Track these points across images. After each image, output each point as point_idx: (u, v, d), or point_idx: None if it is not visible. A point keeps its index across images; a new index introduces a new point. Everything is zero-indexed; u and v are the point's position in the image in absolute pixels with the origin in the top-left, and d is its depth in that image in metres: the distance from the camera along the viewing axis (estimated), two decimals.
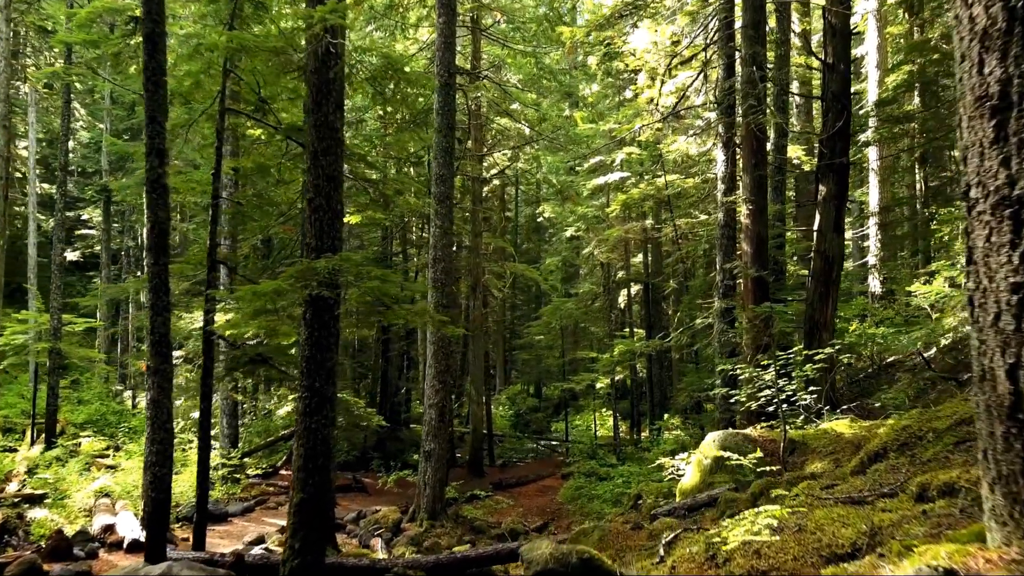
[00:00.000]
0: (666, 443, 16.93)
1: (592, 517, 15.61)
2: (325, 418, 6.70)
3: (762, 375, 8.44)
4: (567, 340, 33.26)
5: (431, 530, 13.60)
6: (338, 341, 6.88)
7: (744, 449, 8.17)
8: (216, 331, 8.43)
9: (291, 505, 6.57)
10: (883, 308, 22.13)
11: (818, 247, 12.19)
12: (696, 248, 19.40)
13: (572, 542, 7.36)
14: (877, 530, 3.10)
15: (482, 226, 22.17)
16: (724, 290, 12.89)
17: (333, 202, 6.92)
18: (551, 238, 39.04)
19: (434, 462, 13.87)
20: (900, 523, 3.11)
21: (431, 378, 14.02)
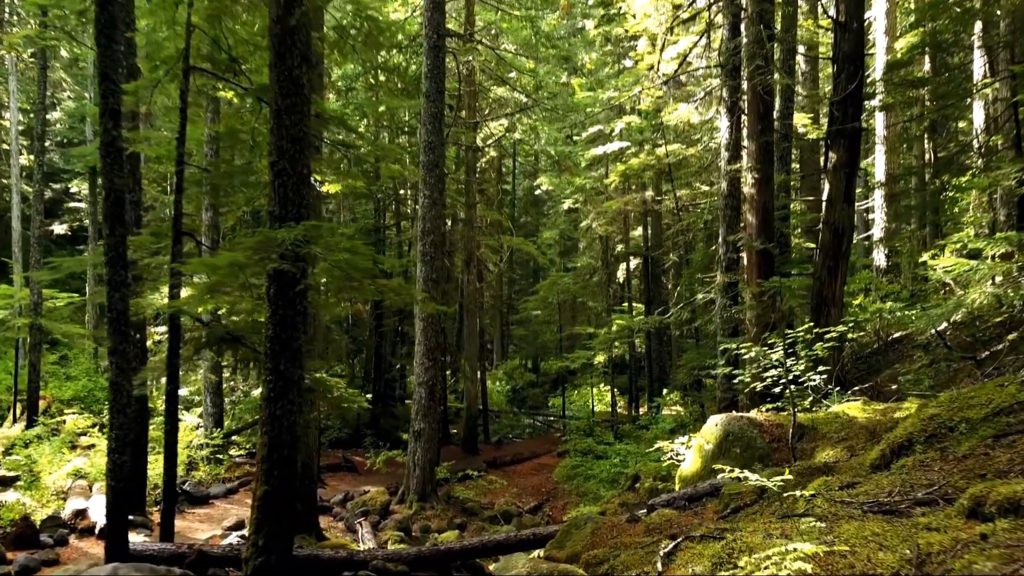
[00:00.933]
0: (664, 421, 16.42)
1: (588, 498, 15.14)
2: (291, 403, 6.10)
3: (768, 354, 7.84)
4: (565, 315, 32.68)
5: (421, 512, 13.13)
6: (305, 320, 6.28)
7: (748, 434, 7.61)
8: (183, 308, 7.82)
9: (254, 498, 6.00)
10: (889, 282, 21.55)
11: (827, 218, 11.53)
12: (698, 220, 18.72)
13: (560, 539, 6.82)
14: (926, 558, 2.52)
15: (477, 198, 21.48)
16: (727, 264, 12.26)
17: (298, 166, 6.26)
18: (549, 211, 38.29)
19: (424, 442, 13.36)
20: (955, 549, 2.53)
21: (421, 355, 13.45)
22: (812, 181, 22.01)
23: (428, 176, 13.39)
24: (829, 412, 7.85)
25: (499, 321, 36.63)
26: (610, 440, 19.55)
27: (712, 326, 12.53)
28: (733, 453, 7.56)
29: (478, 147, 20.88)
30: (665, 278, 27.11)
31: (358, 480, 15.77)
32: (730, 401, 11.62)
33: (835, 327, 9.75)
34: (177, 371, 8.25)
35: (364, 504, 12.90)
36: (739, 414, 7.93)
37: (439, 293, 13.67)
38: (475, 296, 20.85)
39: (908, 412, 7.01)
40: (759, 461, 7.36)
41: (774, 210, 12.02)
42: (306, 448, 10.49)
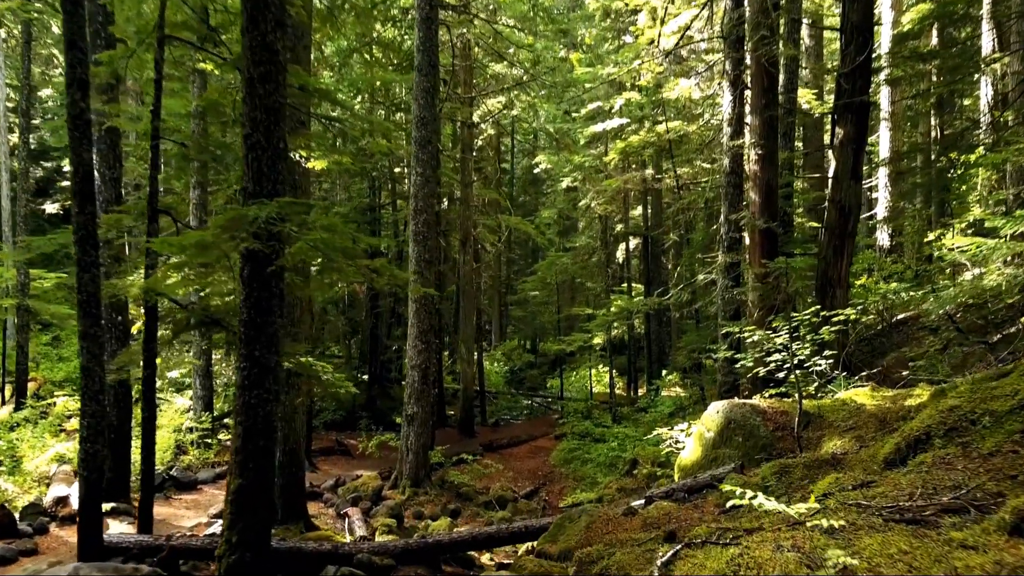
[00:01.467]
0: (663, 404, 16.11)
1: (585, 482, 14.86)
2: (267, 392, 5.74)
3: (772, 338, 7.48)
4: (563, 296, 32.30)
5: (414, 498, 12.85)
6: (282, 302, 5.90)
7: (751, 422, 7.26)
8: (159, 290, 7.44)
9: (228, 491, 5.67)
10: (892, 262, 21.16)
11: (833, 196, 11.12)
12: (698, 199, 18.28)
13: (553, 532, 6.49)
14: None
15: (473, 176, 21.02)
16: (729, 243, 11.86)
17: (273, 138, 5.85)
18: (548, 190, 37.78)
19: (417, 426, 13.04)
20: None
21: (413, 338, 13.09)
22: (815, 158, 21.55)
23: (420, 153, 12.96)
24: (836, 399, 7.49)
25: (497, 302, 36.29)
26: (608, 423, 19.27)
27: (713, 308, 12.17)
28: (735, 442, 7.22)
29: (474, 123, 20.39)
30: (665, 258, 26.72)
31: (351, 464, 15.49)
32: (731, 385, 11.29)
33: (841, 309, 9.38)
34: (154, 356, 7.88)
35: (356, 490, 12.62)
36: (741, 401, 7.58)
37: (432, 274, 13.29)
38: (471, 277, 20.47)
39: (921, 399, 6.66)
40: (762, 451, 7.02)
41: (778, 188, 11.60)
42: (293, 434, 10.17)
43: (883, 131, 19.79)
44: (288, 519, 10.04)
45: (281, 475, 10.07)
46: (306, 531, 10.05)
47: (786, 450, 6.91)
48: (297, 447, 10.17)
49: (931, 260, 21.69)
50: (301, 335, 10.17)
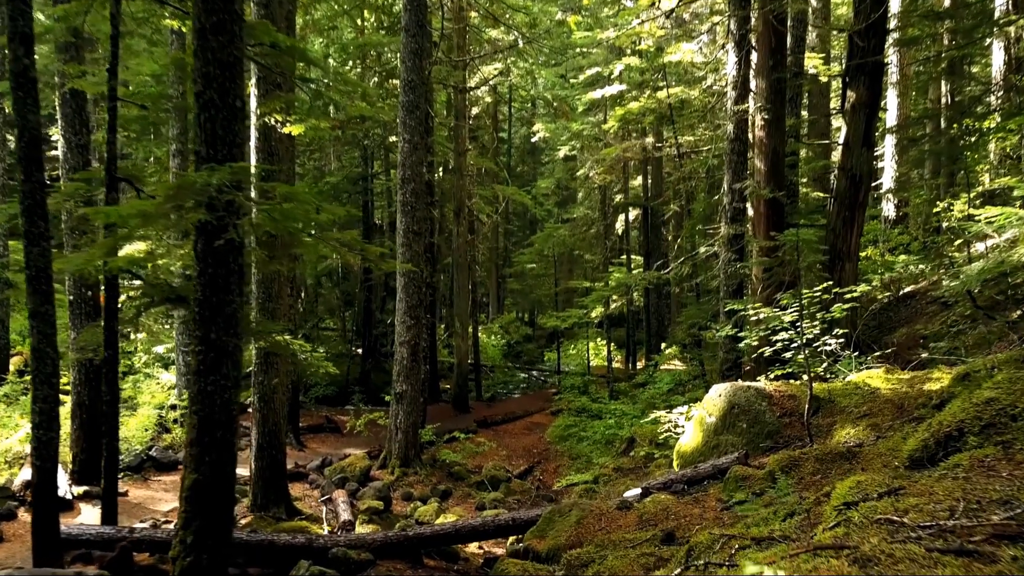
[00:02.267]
0: (662, 381, 15.63)
1: (581, 461, 14.42)
2: (225, 378, 5.21)
3: (780, 316, 6.94)
4: (562, 268, 31.73)
5: (403, 478, 12.41)
6: (241, 279, 5.34)
7: (756, 406, 6.75)
8: (112, 264, 6.86)
9: (182, 488, 5.17)
10: (899, 234, 20.55)
11: (843, 164, 10.52)
12: (700, 167, 17.61)
13: (542, 527, 6.01)
14: None
15: (468, 145, 20.33)
16: (732, 214, 11.26)
17: (229, 97, 5.23)
18: (547, 160, 37.01)
19: (406, 404, 12.56)
20: None
21: (402, 313, 12.55)
22: (821, 126, 20.83)
23: (408, 118, 12.29)
24: (848, 382, 6.97)
25: (494, 274, 35.73)
26: (605, 398, 18.83)
27: (715, 282, 11.61)
28: (739, 428, 6.72)
29: (468, 88, 19.64)
30: (665, 230, 26.10)
31: (340, 442, 15.05)
32: (732, 363, 10.77)
33: (852, 284, 8.85)
34: (115, 335, 7.35)
35: (342, 470, 12.17)
36: (746, 384, 7.06)
37: (421, 246, 12.72)
38: (466, 249, 19.88)
39: (941, 383, 6.13)
40: (768, 438, 6.52)
41: (785, 155, 10.98)
42: (273, 415, 9.68)
43: (891, 97, 19.06)
44: (269, 503, 9.60)
45: (261, 457, 9.62)
46: (287, 516, 9.61)
47: (794, 437, 6.41)
48: (277, 429, 9.68)
49: (939, 231, 21.12)
50: (280, 312, 9.63)
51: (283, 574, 6.59)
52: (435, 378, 20.89)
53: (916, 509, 3.06)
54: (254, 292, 9.62)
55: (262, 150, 9.46)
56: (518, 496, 12.42)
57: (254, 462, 9.65)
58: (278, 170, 9.54)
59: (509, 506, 11.92)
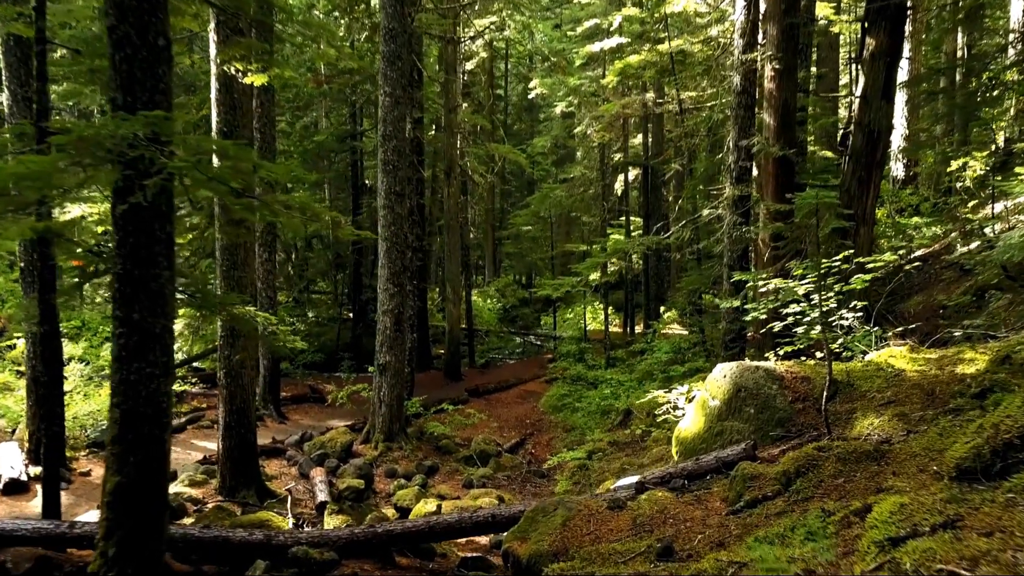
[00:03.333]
0: (661, 349, 14.95)
1: (575, 433, 13.80)
2: (152, 365, 4.48)
3: (793, 287, 6.19)
4: (559, 230, 30.86)
5: (387, 454, 11.80)
6: (171, 250, 4.58)
7: (766, 390, 6.03)
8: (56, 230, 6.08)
9: (103, 492, 4.47)
10: (910, 194, 19.69)
11: (860, 118, 9.66)
12: (702, 124, 16.66)
13: (524, 527, 5.33)
14: None
15: (459, 100, 19.32)
16: (738, 174, 10.40)
17: (149, 33, 4.40)
18: (544, 118, 35.86)
19: (390, 376, 11.88)
20: None
21: (384, 280, 11.79)
22: (829, 81, 19.84)
23: (389, 70, 11.38)
24: (868, 362, 6.25)
25: (491, 236, 34.88)
26: (601, 365, 18.19)
27: (719, 247, 10.83)
28: (745, 413, 6.01)
29: (458, 40, 18.58)
30: (665, 190, 25.19)
31: (324, 413, 14.43)
32: (736, 334, 10.05)
33: (868, 250, 8.09)
34: (53, 309, 6.61)
35: (323, 445, 11.53)
36: (754, 364, 6.34)
37: (405, 208, 11.90)
38: (457, 211, 19.04)
39: (976, 365, 5.41)
40: (778, 426, 5.82)
41: (796, 109, 10.11)
42: (241, 391, 8.99)
43: (903, 51, 18.05)
44: (238, 486, 8.96)
45: (228, 437, 8.95)
46: (258, 499, 8.99)
47: (808, 426, 5.70)
48: (246, 406, 9.00)
49: (950, 192, 20.27)
50: (247, 280, 8.87)
51: (240, 573, 5.95)
52: (426, 345, 20.23)
53: (990, 559, 2.35)
54: (218, 260, 8.86)
55: (223, 103, 8.60)
56: (508, 472, 11.83)
57: (221, 442, 8.99)
58: (241, 125, 8.70)
59: (498, 483, 11.33)
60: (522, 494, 10.89)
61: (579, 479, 10.81)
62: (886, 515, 2.98)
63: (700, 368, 13.00)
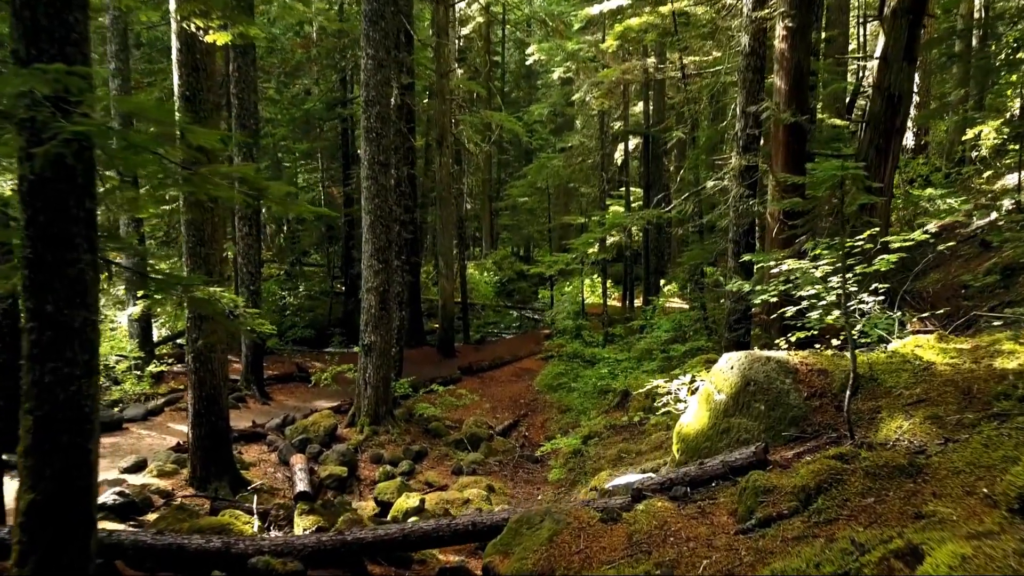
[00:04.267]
0: (661, 327, 14.34)
1: (571, 415, 13.24)
2: (71, 364, 3.85)
3: (809, 269, 5.55)
4: (558, 202, 30.08)
5: (373, 438, 11.24)
6: (93, 229, 3.93)
7: (778, 384, 5.41)
8: None
9: (17, 512, 3.88)
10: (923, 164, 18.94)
11: (879, 81, 8.94)
12: (708, 88, 15.85)
13: (507, 540, 4.75)
14: None
15: (453, 65, 18.49)
16: (745, 142, 9.68)
17: None
18: (542, 85, 34.88)
19: (376, 357, 11.29)
20: None
21: (368, 256, 11.15)
22: (839, 45, 18.97)
23: (371, 30, 10.60)
24: (892, 352, 5.62)
25: (488, 206, 34.12)
26: (599, 341, 17.62)
27: (724, 221, 10.15)
28: (755, 410, 5.40)
29: (449, 1, 17.69)
30: (667, 160, 24.41)
31: (311, 394, 13.86)
32: (742, 314, 9.42)
33: (885, 226, 7.43)
34: None
35: (305, 430, 10.97)
36: (764, 354, 5.71)
37: (390, 179, 11.19)
38: (450, 181, 18.29)
39: (1018, 359, 4.79)
40: (792, 425, 5.21)
41: (809, 72, 9.37)
42: (210, 377, 8.38)
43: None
44: (209, 477, 8.40)
45: (198, 425, 8.37)
46: (231, 490, 8.44)
47: (825, 426, 5.09)
48: (216, 392, 8.40)
49: (963, 162, 19.50)
50: (215, 258, 8.22)
51: None
52: (418, 321, 19.63)
53: None
54: (183, 236, 8.20)
55: (185, 64, 7.87)
56: (500, 457, 11.29)
57: (191, 430, 8.41)
58: (205, 89, 7.98)
59: (489, 469, 10.79)
60: (513, 481, 10.37)
61: (574, 466, 10.27)
62: (944, 570, 2.37)
63: (702, 348, 12.41)
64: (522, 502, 9.42)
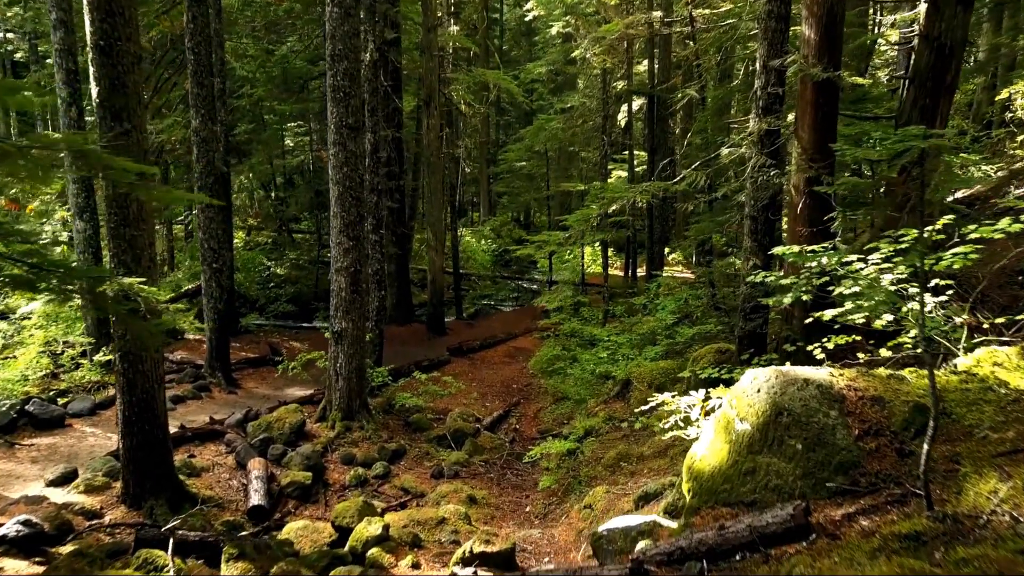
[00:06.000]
0: (665, 308, 13.11)
1: (567, 405, 12.09)
2: None
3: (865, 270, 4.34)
4: (558, 166, 28.62)
5: (345, 435, 10.14)
6: None
7: (820, 418, 4.20)
8: None
9: None
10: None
11: (927, 30, 7.58)
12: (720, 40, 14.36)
13: None
14: None
15: (443, 18, 16.98)
16: (766, 103, 8.32)
17: None
18: (541, 41, 33.12)
19: (347, 345, 10.12)
20: None
21: (337, 232, 9.90)
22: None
23: None
24: (966, 374, 4.39)
25: (485, 171, 32.69)
26: (599, 318, 16.44)
27: (743, 194, 8.85)
28: (789, 448, 4.20)
29: None
30: (672, 121, 22.92)
31: (283, 380, 12.68)
32: (754, 307, 8.19)
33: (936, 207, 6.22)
34: None
35: (269, 426, 9.84)
36: (799, 374, 4.48)
37: (361, 146, 9.88)
38: (438, 145, 16.92)
39: None
40: (839, 472, 4.01)
41: (843, 20, 7.98)
42: (142, 378, 7.21)
43: None
44: (144, 494, 7.30)
45: (129, 435, 7.23)
46: (171, 508, 7.33)
47: (885, 477, 3.89)
48: (150, 396, 7.24)
49: (990, 125, 18.04)
50: (142, 241, 6.98)
51: None
52: (406, 297, 18.42)
53: None
54: (105, 215, 6.97)
55: (98, 7, 6.55)
56: (486, 456, 10.19)
57: (121, 440, 7.28)
58: (124, 38, 6.67)
59: (473, 471, 9.70)
60: (500, 486, 9.28)
61: (567, 468, 9.17)
62: None
63: (711, 333, 11.21)
64: (508, 515, 8.33)
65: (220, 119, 14.48)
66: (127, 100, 6.80)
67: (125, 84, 6.78)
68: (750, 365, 7.54)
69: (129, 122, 6.84)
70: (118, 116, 6.77)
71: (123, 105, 6.78)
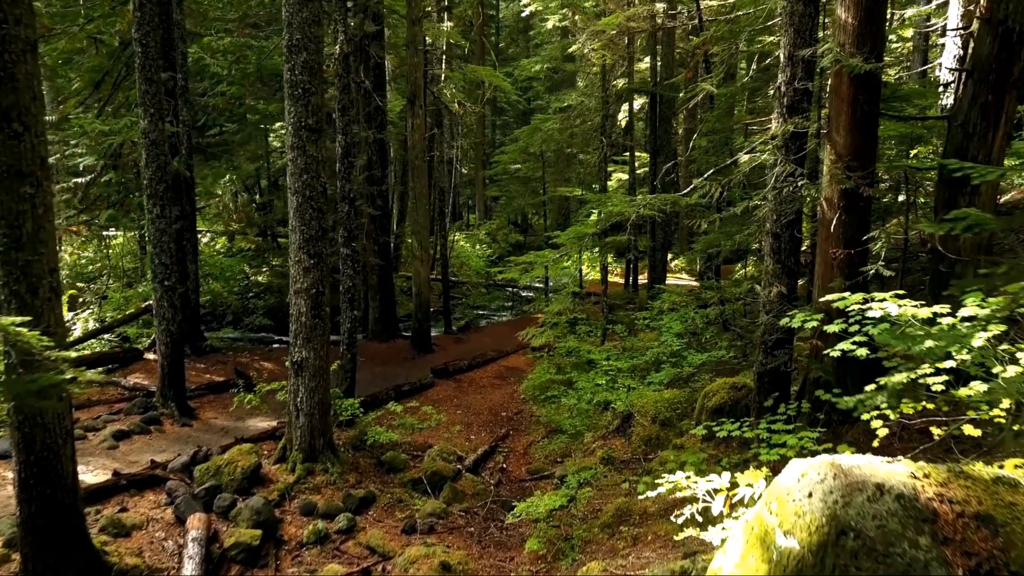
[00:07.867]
0: (670, 330, 11.86)
1: (562, 439, 10.86)
2: None
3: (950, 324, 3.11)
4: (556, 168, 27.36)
5: (307, 479, 8.89)
6: None
7: (904, 546, 2.94)
8: None
9: None
10: None
11: (989, 11, 6.34)
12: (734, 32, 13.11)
13: None
14: None
15: (423, 8, 15.72)
16: (791, 101, 7.06)
17: None
18: (536, 35, 31.87)
19: (308, 378, 8.87)
20: None
21: (296, 248, 8.66)
22: None
23: None
24: None
25: (480, 174, 31.47)
26: (597, 333, 15.18)
27: (764, 208, 7.58)
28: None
29: None
30: (676, 121, 21.72)
31: (245, 410, 11.43)
32: (777, 340, 6.95)
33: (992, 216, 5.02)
34: None
35: (218, 471, 8.58)
36: (870, 478, 3.20)
37: (321, 150, 8.62)
38: (423, 147, 15.67)
39: None
40: None
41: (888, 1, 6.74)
42: (41, 432, 5.97)
43: None
44: (47, 570, 6.05)
45: (28, 501, 5.99)
46: None
47: None
48: (53, 453, 6.00)
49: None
50: (40, 268, 5.73)
51: None
52: (390, 310, 17.15)
53: None
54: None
55: None
56: (467, 505, 8.93)
57: (18, 506, 6.03)
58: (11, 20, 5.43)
59: (452, 523, 8.45)
60: (481, 545, 8.02)
61: (559, 525, 7.91)
62: None
63: (722, 361, 9.97)
64: None
65: (182, 118, 13.24)
66: (17, 96, 5.57)
67: (14, 76, 5.54)
68: (775, 414, 6.31)
69: (20, 123, 5.60)
70: (6, 116, 5.53)
71: (12, 103, 5.54)
